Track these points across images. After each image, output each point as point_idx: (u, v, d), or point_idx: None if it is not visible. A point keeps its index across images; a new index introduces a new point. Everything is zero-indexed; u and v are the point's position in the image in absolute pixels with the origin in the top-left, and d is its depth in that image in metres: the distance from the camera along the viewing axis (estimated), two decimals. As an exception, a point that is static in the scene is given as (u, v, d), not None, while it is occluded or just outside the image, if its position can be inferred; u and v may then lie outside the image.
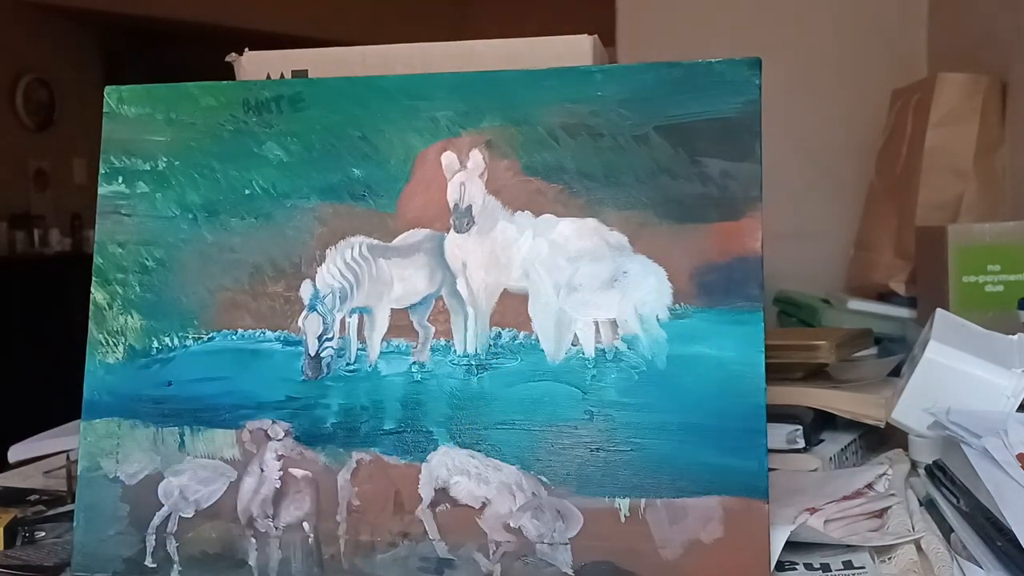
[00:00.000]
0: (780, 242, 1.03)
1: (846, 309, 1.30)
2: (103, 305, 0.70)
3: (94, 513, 0.67)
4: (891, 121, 1.44)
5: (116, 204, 0.71)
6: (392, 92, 0.68)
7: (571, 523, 0.61)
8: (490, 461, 0.62)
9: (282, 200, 0.68)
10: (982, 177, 1.27)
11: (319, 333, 0.66)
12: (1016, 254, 1.00)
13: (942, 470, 0.72)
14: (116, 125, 0.72)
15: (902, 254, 1.29)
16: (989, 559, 0.60)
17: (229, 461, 0.66)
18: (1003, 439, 0.66)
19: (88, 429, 0.68)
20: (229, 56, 0.82)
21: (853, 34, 1.68)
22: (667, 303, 0.61)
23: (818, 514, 0.67)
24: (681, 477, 0.59)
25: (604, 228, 0.63)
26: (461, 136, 0.66)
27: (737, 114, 0.62)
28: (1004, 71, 1.29)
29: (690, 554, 0.59)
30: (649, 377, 0.61)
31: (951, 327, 0.85)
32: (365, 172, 0.67)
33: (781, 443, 0.82)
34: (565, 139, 0.64)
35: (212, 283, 0.69)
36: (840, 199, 1.63)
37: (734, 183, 0.61)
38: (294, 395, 0.66)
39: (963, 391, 0.77)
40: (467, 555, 0.62)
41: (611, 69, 0.66)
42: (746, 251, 0.61)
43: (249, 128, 0.69)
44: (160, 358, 0.68)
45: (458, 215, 0.65)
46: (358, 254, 0.67)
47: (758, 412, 0.59)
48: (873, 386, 0.93)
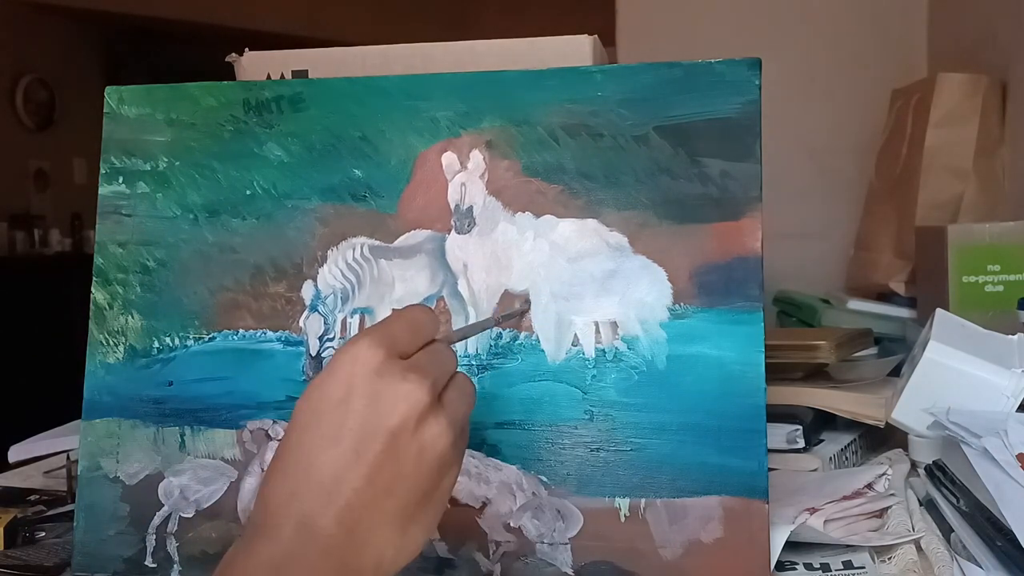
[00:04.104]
0: (780, 242, 1.03)
1: (846, 309, 1.30)
2: (103, 305, 0.70)
3: (94, 513, 0.67)
4: (891, 121, 1.44)
5: (116, 204, 0.71)
6: (392, 92, 0.68)
7: (571, 523, 0.61)
8: (490, 461, 0.62)
9: (283, 200, 0.68)
10: (982, 177, 1.27)
11: (320, 333, 0.66)
12: (1016, 254, 1.00)
13: (942, 470, 0.72)
14: (116, 125, 0.72)
15: (902, 254, 1.29)
16: (989, 559, 0.60)
17: (230, 461, 0.66)
18: (1003, 439, 0.66)
19: (88, 429, 0.68)
20: (229, 56, 0.82)
21: (853, 34, 1.68)
22: (667, 303, 0.61)
23: (818, 514, 0.67)
24: (681, 477, 0.60)
25: (604, 229, 0.63)
26: (461, 136, 0.66)
27: (737, 114, 0.62)
28: (1004, 71, 1.29)
29: (690, 554, 0.59)
30: (649, 377, 0.61)
31: (951, 327, 0.85)
32: (366, 172, 0.67)
33: (781, 443, 0.82)
34: (565, 139, 0.64)
35: (213, 283, 0.69)
36: (840, 199, 1.62)
37: (734, 183, 0.61)
38: (295, 395, 0.66)
39: (963, 391, 0.77)
40: (467, 555, 0.62)
41: (611, 69, 0.66)
42: (746, 251, 0.61)
43: (249, 128, 0.69)
44: (161, 358, 0.68)
45: (459, 216, 0.65)
46: (360, 255, 0.67)
47: (758, 412, 0.59)
48: (873, 386, 0.93)
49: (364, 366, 0.44)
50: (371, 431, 0.44)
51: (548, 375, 0.62)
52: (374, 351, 0.45)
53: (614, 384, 0.61)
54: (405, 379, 0.45)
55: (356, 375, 0.44)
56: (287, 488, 0.44)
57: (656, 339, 0.61)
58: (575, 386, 0.62)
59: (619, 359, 0.62)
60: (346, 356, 0.45)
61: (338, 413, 0.44)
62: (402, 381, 0.44)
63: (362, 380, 0.44)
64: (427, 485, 0.45)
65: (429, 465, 0.45)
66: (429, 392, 0.45)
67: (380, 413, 0.44)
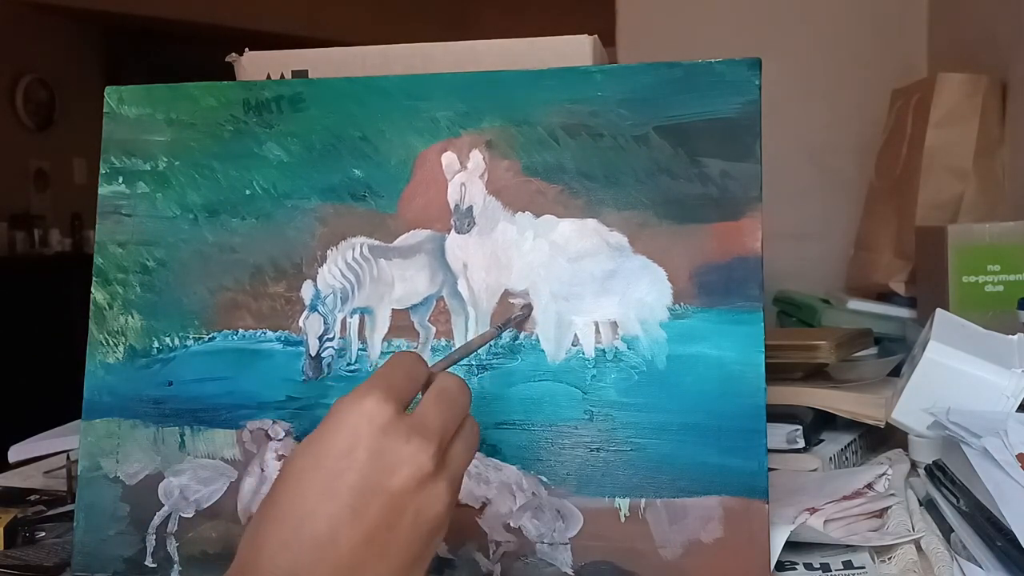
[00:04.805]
0: (780, 242, 1.03)
1: (846, 309, 1.30)
2: (103, 305, 0.70)
3: (94, 513, 0.67)
4: (891, 121, 1.44)
5: (116, 204, 0.71)
6: (392, 92, 0.68)
7: (571, 523, 0.61)
8: (490, 461, 0.62)
9: (283, 200, 0.68)
10: (982, 177, 1.27)
11: (320, 333, 0.66)
12: (1016, 254, 1.00)
13: (942, 470, 0.72)
14: (116, 125, 0.72)
15: (902, 254, 1.29)
16: (989, 559, 0.60)
17: (229, 461, 0.66)
18: (1003, 439, 0.66)
19: (88, 429, 0.68)
20: (229, 56, 0.82)
21: (853, 34, 1.68)
22: (667, 303, 0.61)
23: (818, 514, 0.67)
24: (681, 477, 0.60)
25: (604, 229, 0.63)
26: (461, 136, 0.66)
27: (737, 114, 0.62)
28: (1004, 71, 1.29)
29: (690, 554, 0.59)
30: (649, 377, 0.61)
31: (951, 327, 0.85)
32: (365, 172, 0.67)
33: (781, 443, 0.82)
34: (565, 139, 0.64)
35: (213, 283, 0.69)
36: (840, 199, 1.62)
37: (734, 183, 0.61)
38: (295, 395, 0.66)
39: (963, 391, 0.77)
40: (467, 555, 0.62)
41: (611, 69, 0.66)
42: (746, 251, 0.61)
43: (249, 128, 0.69)
44: (160, 358, 0.68)
45: (459, 216, 0.65)
46: (359, 255, 0.67)
47: (758, 412, 0.59)
48: (873, 386, 0.93)
49: (371, 423, 0.44)
50: (371, 490, 0.43)
51: (548, 375, 0.62)
52: (382, 407, 0.44)
53: (614, 384, 0.61)
54: (409, 441, 0.44)
55: (361, 430, 0.44)
56: (280, 537, 0.43)
57: (656, 339, 0.61)
58: (575, 386, 0.62)
59: (619, 359, 0.62)
60: (353, 409, 0.44)
61: (339, 466, 0.43)
62: (406, 443, 0.44)
63: (367, 436, 0.44)
64: (419, 549, 0.45)
65: (423, 529, 0.44)
66: (433, 457, 0.45)
67: (382, 472, 0.43)
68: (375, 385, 0.45)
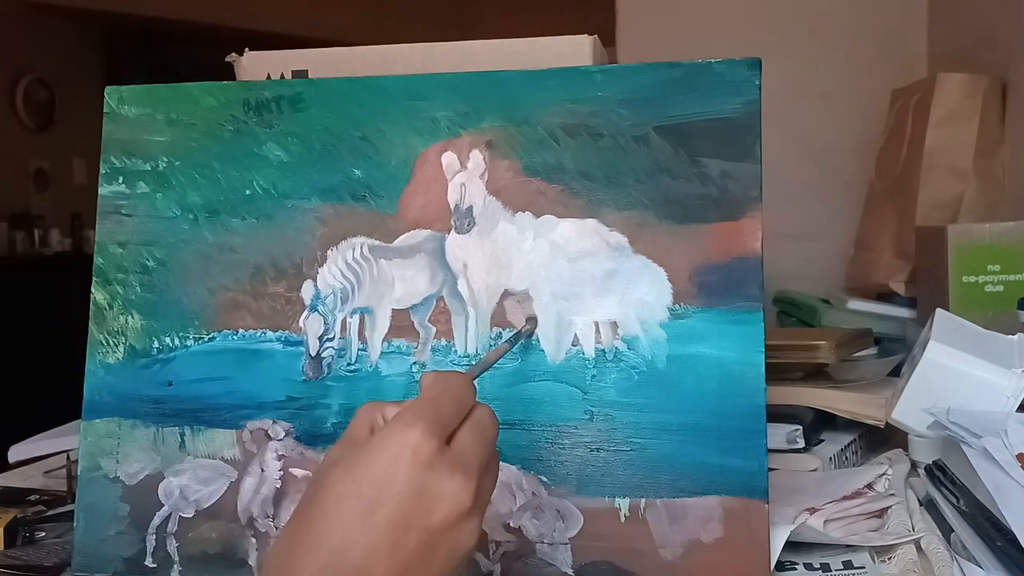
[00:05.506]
0: (780, 242, 1.03)
1: (846, 309, 1.30)
2: (103, 305, 0.70)
3: (94, 513, 0.67)
4: (891, 121, 1.44)
5: (116, 204, 0.71)
6: (392, 92, 0.68)
7: (571, 523, 0.61)
8: (490, 461, 0.62)
9: (283, 200, 0.68)
10: (982, 177, 1.27)
11: (320, 333, 0.66)
12: (1016, 254, 1.00)
13: (942, 470, 0.72)
14: (116, 125, 0.72)
15: (902, 254, 1.29)
16: (989, 559, 0.60)
17: (229, 461, 0.66)
18: (1003, 439, 0.66)
19: (88, 429, 0.68)
20: (229, 56, 0.82)
21: (853, 34, 1.68)
22: (667, 303, 0.61)
23: (818, 514, 0.67)
24: (681, 477, 0.60)
25: (604, 229, 0.63)
26: (461, 136, 0.66)
27: (737, 114, 0.62)
28: (1004, 71, 1.29)
29: (690, 554, 0.59)
30: (649, 377, 0.61)
31: (951, 327, 0.85)
32: (365, 172, 0.67)
33: (781, 443, 0.82)
34: (565, 139, 0.64)
35: (213, 283, 0.69)
36: (840, 199, 1.62)
37: (734, 183, 0.61)
38: (295, 395, 0.66)
39: (963, 391, 0.77)
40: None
41: (611, 69, 0.66)
42: (746, 251, 0.61)
43: (249, 128, 0.69)
44: (161, 358, 0.68)
45: (459, 216, 0.65)
46: (359, 255, 0.67)
47: (758, 412, 0.59)
48: (873, 386, 0.93)
49: (415, 455, 0.44)
50: (411, 525, 0.43)
51: (548, 375, 0.62)
52: (428, 441, 0.44)
53: (614, 384, 0.61)
54: (452, 478, 0.44)
55: (405, 461, 0.43)
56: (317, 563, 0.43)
57: (656, 339, 0.61)
58: (575, 386, 0.62)
59: (619, 359, 0.62)
60: (398, 438, 0.44)
61: (380, 496, 0.43)
62: (449, 479, 0.44)
63: (411, 468, 0.43)
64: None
65: (455, 562, 0.45)
66: (473, 496, 0.45)
67: (424, 508, 0.43)
68: (423, 415, 0.45)
